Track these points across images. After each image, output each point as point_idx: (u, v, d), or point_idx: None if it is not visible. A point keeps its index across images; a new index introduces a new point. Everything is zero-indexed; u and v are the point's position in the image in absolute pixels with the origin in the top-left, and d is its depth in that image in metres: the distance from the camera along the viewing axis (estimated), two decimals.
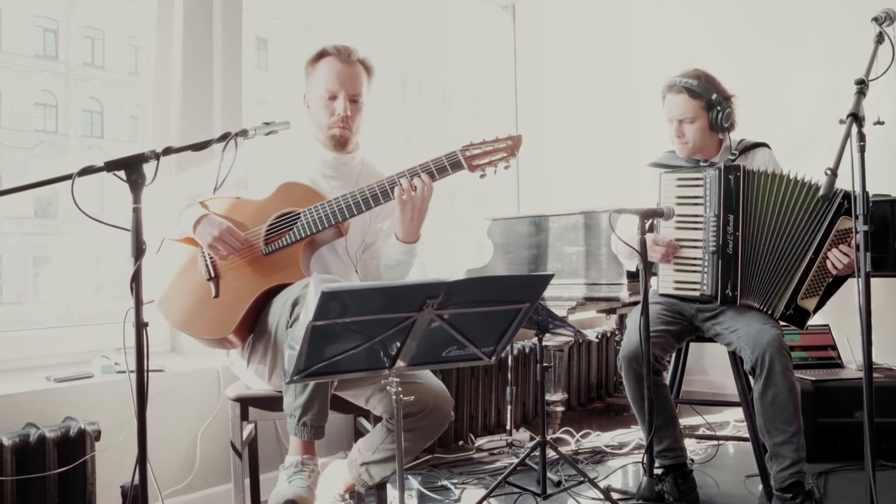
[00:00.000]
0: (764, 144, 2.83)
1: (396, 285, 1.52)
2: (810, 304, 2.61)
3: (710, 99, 2.69)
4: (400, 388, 1.71)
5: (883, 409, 3.20)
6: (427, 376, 2.17)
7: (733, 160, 2.74)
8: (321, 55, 2.36)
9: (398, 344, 1.63)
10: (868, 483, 1.96)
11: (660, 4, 5.07)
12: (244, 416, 2.29)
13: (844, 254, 2.48)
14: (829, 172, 1.89)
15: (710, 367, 4.71)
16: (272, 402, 2.21)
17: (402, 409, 1.95)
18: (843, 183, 2.13)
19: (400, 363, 1.70)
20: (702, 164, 2.76)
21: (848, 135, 1.96)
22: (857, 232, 2.01)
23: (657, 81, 2.87)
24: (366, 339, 1.58)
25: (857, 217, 1.99)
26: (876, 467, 2.92)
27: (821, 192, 1.88)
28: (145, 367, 1.72)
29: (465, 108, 5.04)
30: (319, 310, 1.45)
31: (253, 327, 2.18)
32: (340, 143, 2.37)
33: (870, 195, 3.33)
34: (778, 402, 2.46)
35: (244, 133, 1.90)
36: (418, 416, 2.08)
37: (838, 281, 2.58)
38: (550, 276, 1.64)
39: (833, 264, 2.51)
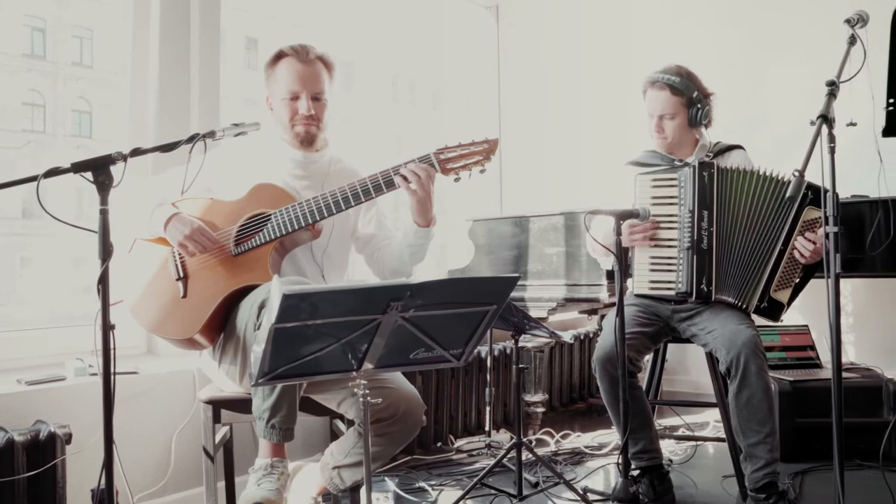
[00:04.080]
0: (739, 146, 2.84)
1: (360, 287, 1.51)
2: (783, 295, 2.62)
3: (691, 97, 2.72)
4: (368, 391, 1.70)
5: (860, 409, 3.23)
6: (399, 381, 2.17)
7: (710, 159, 2.75)
8: (279, 56, 2.34)
9: (364, 346, 1.63)
10: (836, 482, 1.97)
11: (642, 5, 5.08)
12: (216, 419, 2.28)
13: (810, 241, 2.50)
14: (796, 174, 1.89)
15: (692, 367, 4.72)
16: (244, 405, 2.20)
17: (370, 412, 1.95)
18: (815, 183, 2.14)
19: (368, 365, 1.69)
20: (676, 163, 2.77)
21: (817, 136, 1.97)
22: (827, 233, 2.02)
23: (639, 80, 2.88)
24: (331, 341, 1.58)
25: (826, 218, 2.00)
26: (853, 467, 3.00)
27: (788, 194, 1.89)
28: (112, 370, 1.72)
29: (457, 109, 5.04)
30: (281, 312, 1.45)
31: (221, 328, 2.17)
32: (307, 141, 2.35)
33: (841, 196, 3.36)
34: (752, 402, 2.47)
35: (212, 134, 1.89)
36: (389, 421, 2.08)
37: (809, 271, 2.60)
38: (517, 279, 1.64)
39: (800, 253, 2.54)
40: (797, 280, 2.61)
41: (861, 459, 3.06)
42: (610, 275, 3.31)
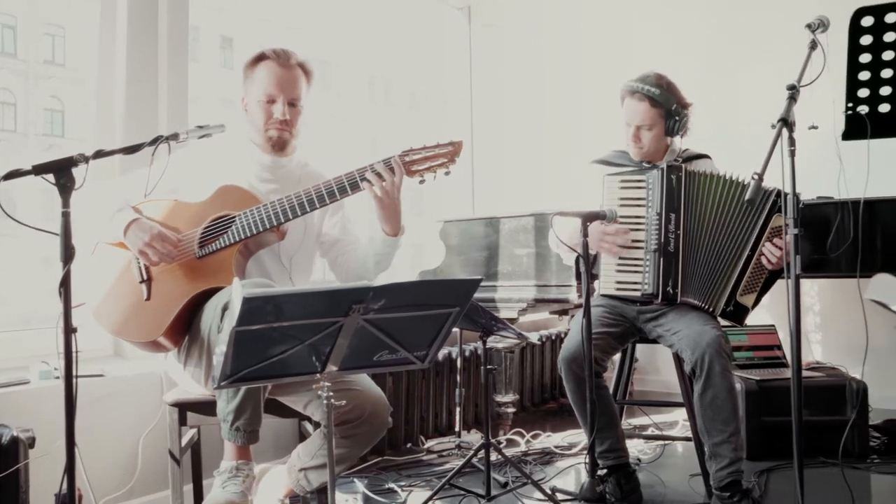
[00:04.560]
0: (706, 155, 2.88)
1: (321, 290, 1.51)
2: (749, 300, 2.66)
3: (669, 109, 2.72)
4: (332, 393, 1.70)
5: (824, 408, 3.28)
6: (365, 383, 2.17)
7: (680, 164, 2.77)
8: (260, 58, 2.33)
9: (327, 348, 1.63)
10: (796, 479, 2.00)
11: (612, 10, 5.13)
12: (182, 422, 2.27)
13: (778, 247, 2.54)
14: (755, 177, 1.92)
15: (663, 367, 4.77)
16: (210, 407, 2.19)
17: (336, 414, 1.96)
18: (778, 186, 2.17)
19: (331, 367, 1.69)
20: (644, 164, 2.79)
21: (777, 139, 1.99)
22: (786, 234, 2.05)
23: (610, 82, 2.89)
24: (293, 343, 1.58)
25: (787, 221, 2.03)
26: (816, 465, 3.05)
27: (746, 197, 1.92)
28: (74, 373, 1.71)
29: (433, 109, 5.05)
30: (242, 315, 1.44)
31: (185, 331, 2.16)
32: (279, 145, 2.34)
33: (806, 198, 3.42)
34: (717, 402, 2.50)
35: (175, 137, 1.88)
36: (355, 423, 2.08)
37: (773, 276, 2.64)
38: (479, 281, 1.65)
39: (767, 259, 2.58)
40: (762, 285, 2.65)
41: (825, 457, 3.11)
42: (579, 275, 3.34)
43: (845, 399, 3.26)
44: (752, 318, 4.14)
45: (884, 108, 2.12)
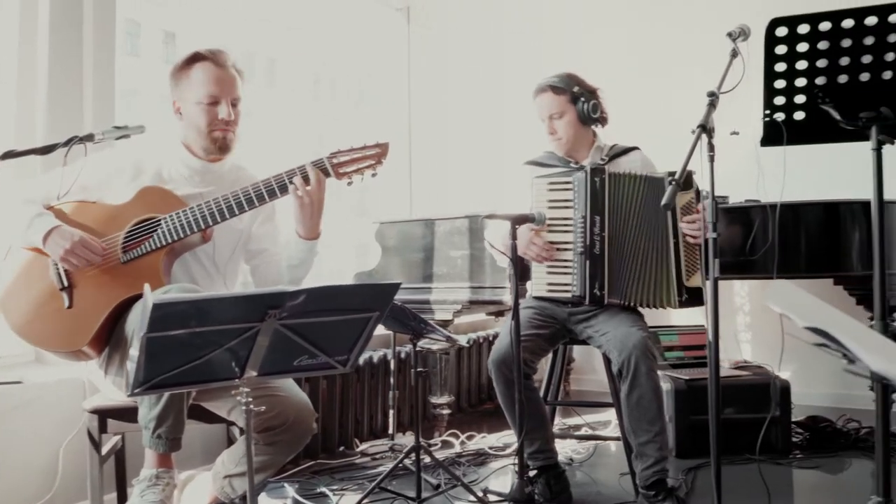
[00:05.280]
0: (635, 148, 2.92)
1: (236, 295, 1.50)
2: (697, 279, 2.69)
3: (573, 92, 2.79)
4: (251, 399, 1.68)
5: (750, 406, 3.37)
6: (290, 388, 2.14)
7: (604, 164, 2.81)
8: (194, 59, 2.26)
9: (245, 354, 1.61)
10: (713, 477, 2.05)
11: (549, 13, 5.19)
12: (103, 429, 2.22)
13: (692, 221, 2.60)
14: (672, 182, 1.96)
15: (599, 366, 4.77)
16: (132, 414, 2.14)
17: (260, 421, 1.94)
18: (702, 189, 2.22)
19: (251, 373, 1.67)
20: (572, 165, 2.83)
21: (695, 145, 2.04)
22: (707, 239, 2.10)
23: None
24: (209, 349, 1.55)
25: (706, 224, 2.08)
26: (742, 461, 3.13)
27: (663, 202, 1.95)
28: None
29: (379, 108, 5.02)
30: (152, 322, 1.42)
31: (110, 338, 2.10)
32: (224, 147, 2.28)
33: (735, 201, 3.50)
34: (643, 403, 2.54)
35: (90, 138, 1.84)
36: (279, 430, 2.05)
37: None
38: (398, 285, 1.65)
39: (691, 236, 2.62)
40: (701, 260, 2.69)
41: (750, 454, 3.19)
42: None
43: (770, 397, 3.35)
44: (684, 319, 4.26)
45: (799, 115, 2.18)
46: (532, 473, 2.72)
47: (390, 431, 3.34)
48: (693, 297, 2.71)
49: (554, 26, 5.18)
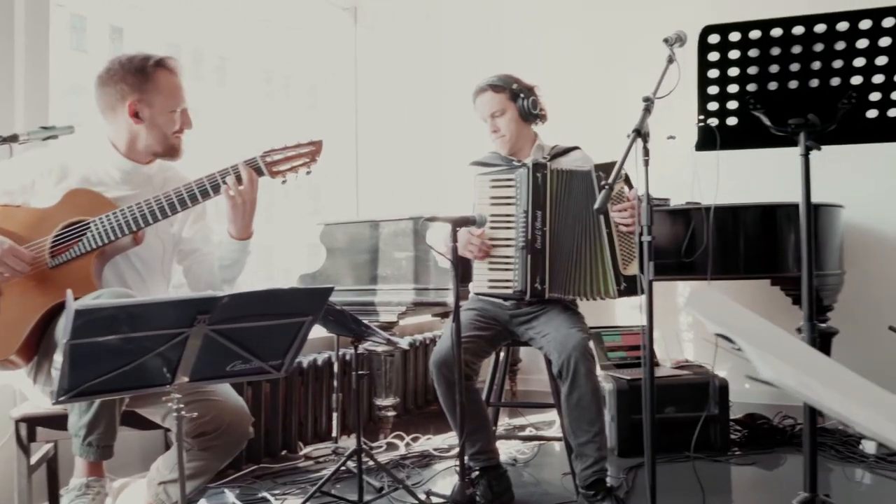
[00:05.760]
0: (576, 147, 2.95)
1: (163, 301, 1.47)
2: (634, 268, 2.71)
3: (512, 89, 2.84)
4: (183, 405, 1.65)
5: (690, 404, 3.43)
6: (225, 393, 2.11)
7: (546, 161, 2.84)
8: (157, 65, 2.20)
9: (175, 359, 1.58)
10: (647, 475, 2.09)
11: (498, 15, 5.22)
12: (32, 437, 2.16)
13: (623, 209, 2.61)
14: (605, 186, 1.99)
15: (545, 367, 4.86)
16: (62, 422, 2.09)
17: (194, 426, 1.91)
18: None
19: (182, 378, 1.65)
20: (515, 163, 2.85)
21: (630, 149, 2.07)
22: (642, 243, 2.13)
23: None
24: (137, 356, 1.52)
25: (640, 225, 2.11)
26: (682, 459, 3.18)
27: (595, 206, 1.98)
28: None
29: (330, 107, 4.99)
30: (75, 329, 1.38)
31: (39, 346, 2.04)
32: (179, 151, 2.28)
33: (676, 203, 3.56)
34: (582, 404, 2.57)
35: (14, 139, 1.78)
36: (213, 435, 2.01)
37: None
38: (330, 290, 1.64)
39: (622, 225, 2.64)
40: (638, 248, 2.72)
41: (689, 452, 3.24)
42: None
43: (708, 395, 3.42)
44: (626, 320, 4.32)
45: (731, 121, 2.22)
46: (474, 475, 2.73)
47: (334, 434, 3.31)
48: (632, 286, 2.73)
49: (496, 28, 5.22)
